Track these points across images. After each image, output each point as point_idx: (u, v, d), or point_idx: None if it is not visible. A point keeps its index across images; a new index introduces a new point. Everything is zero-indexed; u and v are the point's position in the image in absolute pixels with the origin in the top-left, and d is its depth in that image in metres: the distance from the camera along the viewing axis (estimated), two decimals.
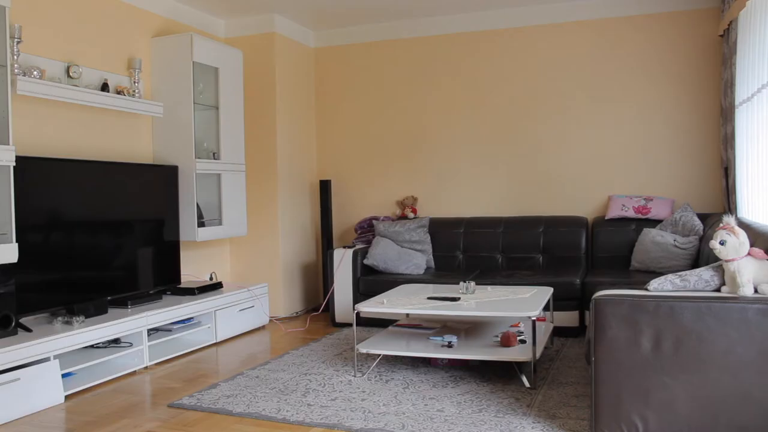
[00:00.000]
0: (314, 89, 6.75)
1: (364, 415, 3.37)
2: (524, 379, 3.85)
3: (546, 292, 4.41)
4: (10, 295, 3.70)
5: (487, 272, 5.51)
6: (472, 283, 4.42)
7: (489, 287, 4.66)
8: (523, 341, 4.10)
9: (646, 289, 2.98)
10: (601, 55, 5.78)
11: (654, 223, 5.41)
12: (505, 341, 3.98)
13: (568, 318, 5.01)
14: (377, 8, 5.88)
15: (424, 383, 3.91)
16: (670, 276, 2.99)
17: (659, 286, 2.97)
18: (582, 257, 5.58)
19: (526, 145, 6.01)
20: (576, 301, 4.99)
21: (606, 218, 5.58)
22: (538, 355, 3.86)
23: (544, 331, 4.37)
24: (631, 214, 5.47)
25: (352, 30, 6.52)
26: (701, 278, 2.96)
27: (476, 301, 4.13)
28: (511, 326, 4.51)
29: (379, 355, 4.42)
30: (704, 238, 4.80)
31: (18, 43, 4.01)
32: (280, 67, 6.13)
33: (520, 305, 3.95)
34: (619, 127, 5.76)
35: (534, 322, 3.75)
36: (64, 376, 3.90)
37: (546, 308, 4.70)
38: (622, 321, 2.78)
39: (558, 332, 5.03)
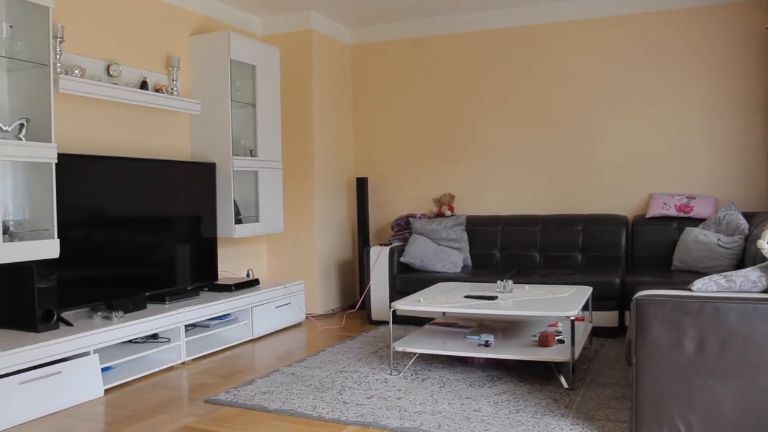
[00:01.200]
0: (351, 86, 6.74)
1: (400, 414, 3.35)
2: (562, 379, 3.79)
3: (585, 292, 4.34)
4: (52, 290, 3.76)
5: (524, 271, 5.44)
6: (510, 282, 4.36)
7: (527, 286, 4.60)
8: (561, 341, 4.03)
9: (690, 290, 2.90)
10: (640, 51, 5.67)
11: (696, 221, 5.29)
12: (543, 341, 3.93)
13: (607, 318, 4.92)
14: (414, 5, 5.85)
15: (461, 382, 3.87)
16: (714, 276, 2.91)
17: (703, 286, 2.89)
18: (622, 256, 5.48)
19: (565, 142, 5.92)
20: (615, 300, 4.90)
21: (646, 217, 5.48)
22: (576, 355, 3.80)
23: (582, 331, 4.30)
24: (672, 212, 5.35)
25: (388, 27, 6.50)
26: (748, 279, 2.87)
27: (514, 299, 4.08)
28: (549, 326, 4.45)
29: (416, 353, 4.39)
30: (750, 238, 4.67)
31: (60, 42, 4.07)
32: (317, 64, 6.14)
33: (559, 304, 3.89)
34: (659, 123, 5.64)
35: (573, 321, 3.69)
36: (103, 370, 3.95)
37: (585, 308, 4.63)
38: (664, 322, 2.71)
39: (597, 332, 4.95)
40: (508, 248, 5.82)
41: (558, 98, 5.94)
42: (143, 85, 4.77)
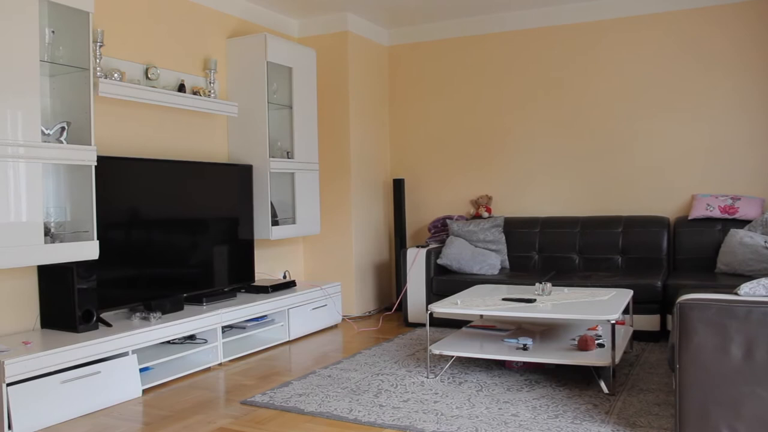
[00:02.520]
0: (387, 87, 6.72)
1: (437, 418, 3.31)
2: (603, 384, 3.71)
3: (625, 295, 4.25)
4: (91, 290, 3.81)
5: (563, 273, 5.36)
6: (548, 285, 4.30)
7: (566, 289, 4.52)
8: (601, 345, 3.95)
9: (736, 294, 2.81)
10: (681, 49, 5.54)
11: (742, 223, 5.15)
12: (583, 345, 3.85)
13: (648, 322, 4.81)
14: (450, 5, 5.80)
15: (498, 386, 3.82)
16: (763, 280, 2.81)
17: (751, 290, 2.79)
18: (663, 259, 5.36)
19: (604, 142, 5.82)
20: (657, 304, 4.79)
21: (689, 218, 5.35)
22: (617, 360, 3.72)
23: (623, 335, 4.22)
24: (716, 214, 5.22)
25: (425, 27, 6.46)
26: None
27: (552, 302, 4.01)
28: (589, 329, 4.37)
29: (453, 356, 4.35)
30: None
31: (100, 47, 4.12)
32: (354, 65, 6.13)
33: (599, 308, 3.81)
34: (701, 122, 5.50)
35: (613, 325, 3.61)
36: (141, 370, 3.99)
37: (625, 311, 4.54)
38: (709, 327, 2.63)
39: (638, 337, 4.85)
40: (546, 250, 5.73)
41: (597, 97, 5.84)
42: (181, 88, 4.81)
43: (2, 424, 3.16)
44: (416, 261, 5.61)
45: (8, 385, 3.18)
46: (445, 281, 5.47)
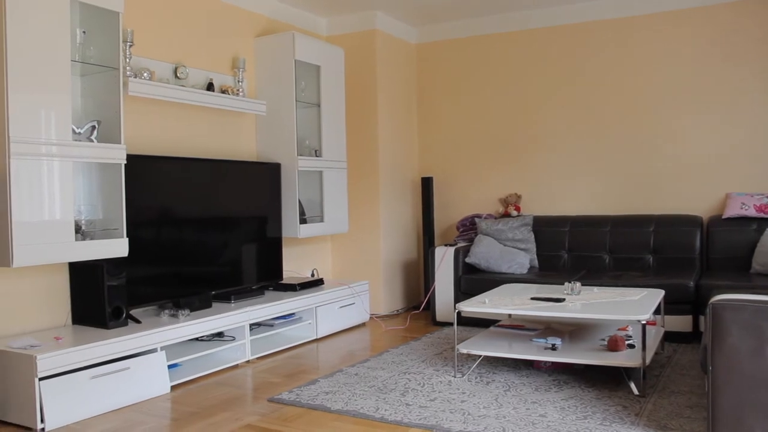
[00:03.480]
0: (415, 85, 6.70)
1: (464, 417, 3.29)
2: (633, 386, 3.65)
3: (656, 295, 4.17)
4: (121, 287, 3.84)
5: (593, 273, 5.29)
6: (578, 284, 4.24)
7: (595, 288, 4.46)
8: (631, 346, 3.89)
9: None
10: (714, 44, 5.43)
11: None
12: (613, 345, 3.79)
13: (680, 323, 4.73)
14: (479, 2, 5.76)
15: (526, 386, 3.78)
16: None
17: None
18: (696, 258, 5.27)
19: (635, 140, 5.73)
20: (689, 305, 4.70)
21: (723, 217, 5.24)
22: (648, 361, 3.66)
23: (654, 335, 4.15)
24: (751, 213, 5.11)
25: (453, 25, 6.43)
26: None
27: (582, 302, 3.96)
28: (619, 330, 4.30)
29: (480, 355, 4.31)
30: None
31: (130, 46, 4.16)
32: (382, 63, 6.12)
33: (629, 308, 3.75)
34: (737, 120, 5.39)
35: (644, 326, 3.55)
36: (170, 367, 4.02)
37: (657, 312, 4.47)
38: (744, 328, 2.57)
39: (669, 338, 4.77)
40: (576, 249, 5.67)
41: (628, 95, 5.75)
42: (209, 87, 4.84)
43: (35, 417, 3.21)
44: (444, 259, 5.59)
45: (40, 379, 3.23)
46: (473, 280, 5.44)
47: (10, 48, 3.29)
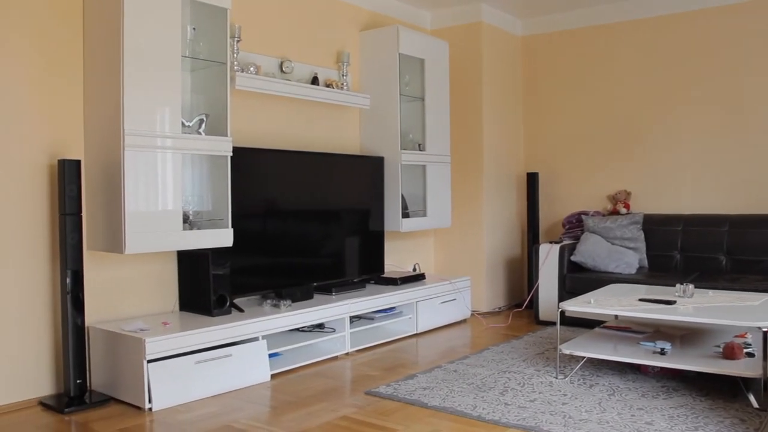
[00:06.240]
0: (521, 79, 6.54)
1: (564, 421, 3.17)
2: (751, 397, 3.41)
3: None
4: (226, 277, 3.95)
5: (707, 275, 4.99)
6: (691, 286, 4.00)
7: (710, 291, 4.20)
8: (750, 354, 3.63)
9: None
10: None
11: None
12: (729, 353, 3.55)
13: None
14: None
15: (632, 391, 3.60)
16: None
17: None
18: None
19: (757, 134, 5.36)
20: None
21: None
22: None
23: None
24: None
25: (561, 16, 6.23)
26: None
27: (695, 305, 3.73)
28: (736, 336, 4.03)
29: (584, 357, 4.16)
30: None
31: (237, 42, 4.27)
32: (487, 56, 6.01)
33: (748, 313, 3.50)
34: None
35: (765, 333, 3.30)
36: (270, 356, 4.10)
37: None
38: None
39: None
40: (689, 250, 5.37)
41: (749, 85, 5.38)
42: (314, 81, 4.90)
43: (143, 397, 3.35)
44: (549, 257, 5.43)
45: (149, 361, 3.36)
46: (578, 279, 5.26)
47: (127, 45, 3.44)
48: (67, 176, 3.40)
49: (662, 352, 3.70)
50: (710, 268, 5.24)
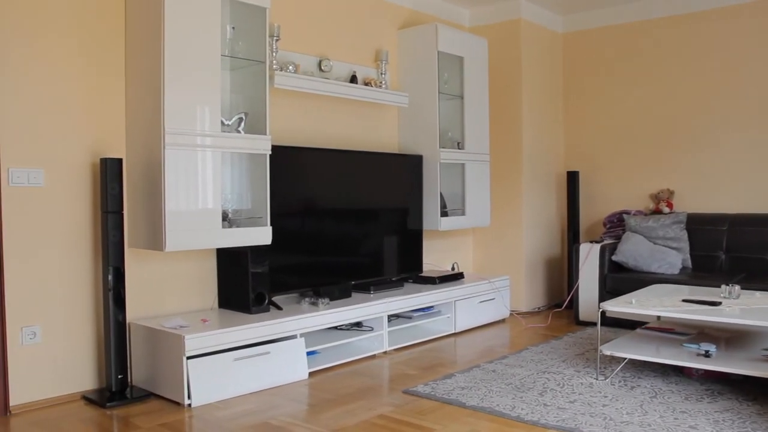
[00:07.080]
0: (561, 76, 6.46)
1: (605, 422, 3.12)
2: None
3: None
4: (264, 274, 3.98)
5: (754, 276, 4.87)
6: (737, 287, 3.90)
7: (757, 293, 4.09)
8: None
9: None
10: None
11: None
12: None
13: None
14: None
15: (675, 394, 3.53)
16: None
17: None
18: None
19: None
20: None
21: None
22: None
23: None
24: None
25: (602, 12, 6.13)
26: None
27: (741, 307, 3.64)
28: None
29: (625, 358, 4.08)
30: None
31: (276, 41, 4.29)
32: (526, 54, 5.94)
33: None
34: None
35: None
36: (308, 353, 4.11)
37: None
38: None
39: None
40: (734, 250, 5.24)
41: None
42: (353, 79, 4.90)
43: (183, 393, 3.39)
44: (589, 257, 5.35)
45: (188, 358, 3.40)
46: (619, 279, 5.17)
47: (167, 45, 3.48)
48: (109, 175, 3.46)
49: (707, 355, 3.62)
50: (757, 269, 5.10)
